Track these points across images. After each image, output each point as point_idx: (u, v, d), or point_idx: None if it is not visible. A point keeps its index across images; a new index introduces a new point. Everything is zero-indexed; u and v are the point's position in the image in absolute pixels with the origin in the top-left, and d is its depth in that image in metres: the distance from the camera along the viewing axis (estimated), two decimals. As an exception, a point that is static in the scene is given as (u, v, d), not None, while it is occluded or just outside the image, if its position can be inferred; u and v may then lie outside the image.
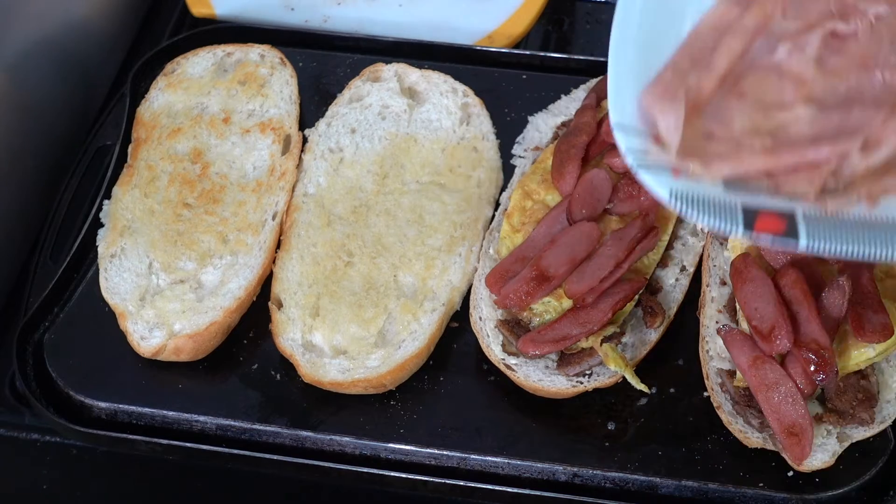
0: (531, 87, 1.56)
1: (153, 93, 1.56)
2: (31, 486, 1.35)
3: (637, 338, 1.30)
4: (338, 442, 1.29)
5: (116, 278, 1.38)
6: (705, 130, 1.11)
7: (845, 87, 1.14)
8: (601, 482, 1.25)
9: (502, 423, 1.29)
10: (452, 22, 1.69)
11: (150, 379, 1.34)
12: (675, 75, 1.13)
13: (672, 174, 1.05)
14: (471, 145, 1.48)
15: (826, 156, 1.08)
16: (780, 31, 1.18)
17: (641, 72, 1.13)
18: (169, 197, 1.44)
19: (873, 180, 1.08)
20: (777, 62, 1.16)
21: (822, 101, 1.13)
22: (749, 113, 1.12)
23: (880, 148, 1.09)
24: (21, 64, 1.53)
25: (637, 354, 1.29)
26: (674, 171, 1.05)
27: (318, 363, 1.31)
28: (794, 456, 1.20)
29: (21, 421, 1.38)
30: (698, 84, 1.13)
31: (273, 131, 1.50)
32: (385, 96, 1.53)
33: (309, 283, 1.37)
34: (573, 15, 1.77)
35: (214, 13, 1.72)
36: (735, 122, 1.11)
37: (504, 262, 1.32)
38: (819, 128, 1.11)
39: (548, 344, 1.26)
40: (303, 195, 1.45)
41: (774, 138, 1.10)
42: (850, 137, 1.09)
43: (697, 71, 1.14)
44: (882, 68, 1.14)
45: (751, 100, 1.13)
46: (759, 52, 1.17)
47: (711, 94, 1.13)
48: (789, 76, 1.15)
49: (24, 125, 1.54)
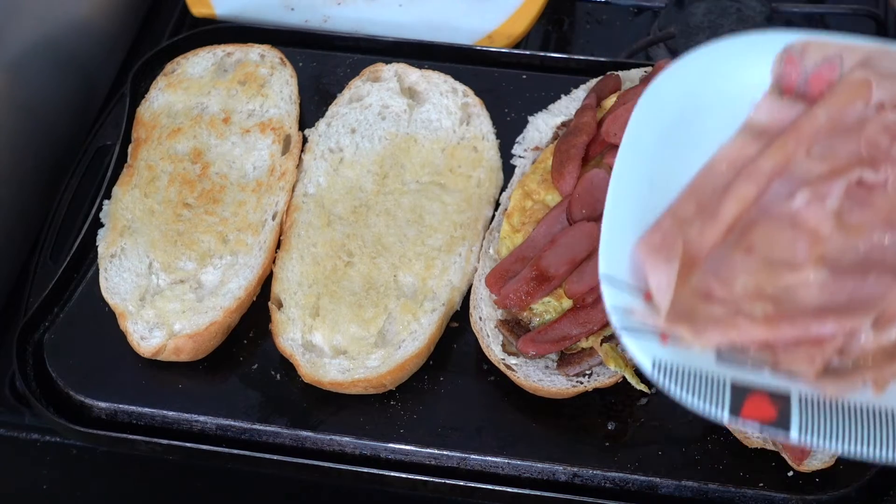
0: (531, 87, 1.56)
1: (153, 93, 1.56)
2: (31, 486, 1.35)
3: (637, 338, 1.30)
4: (338, 442, 1.29)
5: (116, 278, 1.38)
6: (703, 289, 1.01)
7: (865, 247, 1.03)
8: (601, 482, 1.25)
9: (502, 423, 1.29)
10: (452, 22, 1.69)
11: (150, 379, 1.34)
12: (675, 223, 1.03)
13: (659, 339, 0.97)
14: (471, 145, 1.48)
15: (831, 332, 0.97)
16: (801, 174, 1.06)
17: (642, 214, 1.03)
18: (169, 197, 1.45)
19: (883, 361, 0.97)
20: (794, 211, 1.04)
21: (837, 264, 1.02)
22: (754, 271, 1.02)
23: (894, 324, 0.98)
24: (21, 64, 1.53)
25: (637, 354, 1.29)
26: (661, 337, 0.97)
27: (318, 363, 1.31)
28: (794, 456, 1.20)
29: (21, 421, 1.38)
30: (700, 236, 1.02)
31: (273, 131, 1.50)
32: (385, 96, 1.53)
33: (309, 283, 1.37)
34: (573, 15, 1.77)
35: (214, 13, 1.72)
36: (737, 281, 1.01)
37: (504, 262, 1.32)
38: (828, 296, 1.00)
39: (548, 344, 1.26)
40: (303, 195, 1.45)
41: (778, 305, 0.99)
42: (861, 313, 0.98)
43: (701, 219, 1.03)
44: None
45: (758, 256, 1.02)
46: (776, 197, 1.05)
47: (714, 247, 1.03)
48: (804, 230, 1.03)
49: (24, 125, 1.54)
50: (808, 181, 1.06)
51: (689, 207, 1.05)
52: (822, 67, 1.11)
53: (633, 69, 1.52)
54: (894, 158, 1.06)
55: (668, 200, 1.06)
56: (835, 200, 1.05)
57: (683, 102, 1.10)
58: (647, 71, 1.49)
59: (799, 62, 1.12)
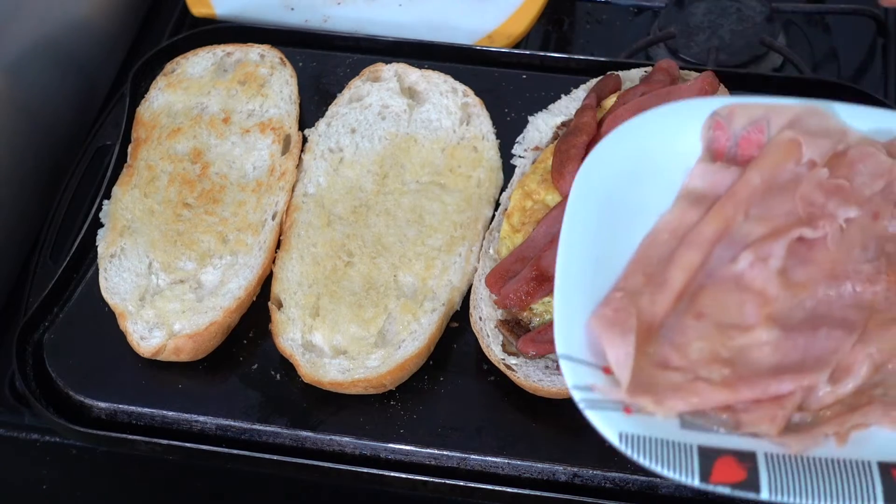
0: (531, 87, 1.56)
1: (153, 93, 1.56)
2: (31, 486, 1.35)
3: (637, 338, 1.30)
4: (338, 442, 1.29)
5: (116, 278, 1.38)
6: (660, 358, 1.03)
7: (811, 303, 1.06)
8: (601, 482, 1.25)
9: (502, 423, 1.29)
10: (452, 22, 1.69)
11: (150, 379, 1.34)
12: (626, 296, 1.04)
13: (623, 412, 0.98)
14: (471, 145, 1.48)
15: (789, 389, 1.00)
16: (742, 237, 1.09)
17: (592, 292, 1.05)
18: (169, 197, 1.45)
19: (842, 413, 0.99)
20: (738, 273, 1.07)
21: (787, 322, 1.04)
22: (708, 336, 1.04)
23: (850, 376, 1.01)
24: (21, 64, 1.53)
25: (637, 354, 1.29)
26: (625, 410, 0.99)
27: (318, 363, 1.31)
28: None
29: (21, 421, 1.37)
30: (652, 305, 1.04)
31: (273, 131, 1.50)
32: (385, 96, 1.53)
33: (309, 283, 1.37)
34: (573, 15, 1.77)
35: (214, 13, 1.72)
36: (692, 347, 1.03)
37: (504, 262, 1.32)
38: (782, 355, 1.02)
39: (548, 344, 1.26)
40: (303, 195, 1.45)
41: (734, 367, 1.02)
42: (816, 369, 1.00)
43: (651, 290, 1.05)
44: (853, 280, 1.06)
45: (709, 321, 1.05)
46: (719, 261, 1.08)
47: (666, 315, 1.05)
48: (751, 291, 1.06)
49: (24, 125, 1.54)
50: (749, 244, 1.08)
51: (637, 279, 1.07)
52: (750, 130, 1.14)
53: (633, 69, 1.52)
54: (830, 214, 1.09)
55: (616, 275, 1.08)
56: (778, 261, 1.07)
57: (618, 177, 1.12)
58: (647, 71, 1.49)
59: (727, 126, 1.15)
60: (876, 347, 1.03)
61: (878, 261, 1.09)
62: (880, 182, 1.11)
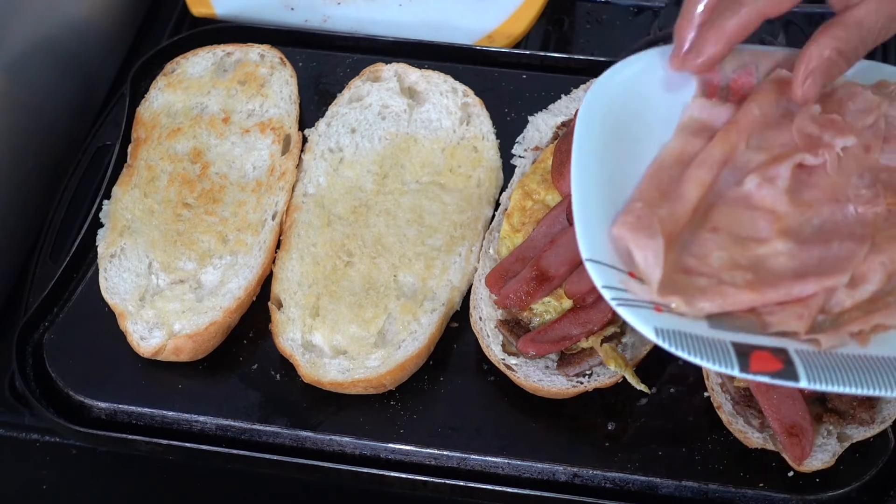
0: (531, 87, 1.56)
1: (153, 93, 1.56)
2: (31, 486, 1.35)
3: (637, 338, 1.30)
4: (338, 442, 1.29)
5: (116, 278, 1.38)
6: (683, 265, 1.06)
7: (819, 220, 1.11)
8: (601, 482, 1.25)
9: (502, 423, 1.29)
10: (452, 22, 1.69)
11: (150, 379, 1.34)
12: (647, 206, 1.08)
13: (654, 311, 1.01)
14: (471, 145, 1.48)
15: (813, 291, 1.04)
16: (744, 163, 1.14)
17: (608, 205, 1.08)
18: (169, 197, 1.44)
19: (862, 317, 1.04)
20: (746, 194, 1.12)
21: (799, 235, 1.09)
22: (725, 247, 1.08)
23: (866, 283, 1.05)
24: (21, 64, 1.53)
25: (637, 354, 1.29)
26: (655, 309, 1.01)
27: (318, 363, 1.31)
28: (794, 456, 1.20)
29: (21, 421, 1.37)
30: (672, 215, 1.08)
31: (273, 131, 1.50)
32: (385, 96, 1.53)
33: (309, 283, 1.37)
34: (573, 15, 1.77)
35: (214, 13, 1.72)
36: (712, 257, 1.07)
37: (504, 262, 1.32)
38: (800, 262, 1.07)
39: (548, 344, 1.26)
40: (303, 195, 1.45)
41: (756, 272, 1.06)
42: (836, 272, 1.05)
43: (669, 202, 1.09)
44: (854, 202, 1.11)
45: (725, 234, 1.09)
46: (726, 184, 1.13)
47: (684, 227, 1.08)
48: (762, 209, 1.11)
49: (24, 125, 1.54)
50: (752, 169, 1.13)
51: (654, 194, 1.11)
52: (740, 73, 1.20)
53: (633, 69, 1.52)
54: (828, 143, 1.14)
55: (628, 193, 1.12)
56: (784, 181, 1.12)
57: (620, 108, 1.16)
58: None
59: (719, 68, 1.20)
60: (888, 257, 1.07)
61: (875, 187, 1.13)
62: (870, 117, 1.17)
